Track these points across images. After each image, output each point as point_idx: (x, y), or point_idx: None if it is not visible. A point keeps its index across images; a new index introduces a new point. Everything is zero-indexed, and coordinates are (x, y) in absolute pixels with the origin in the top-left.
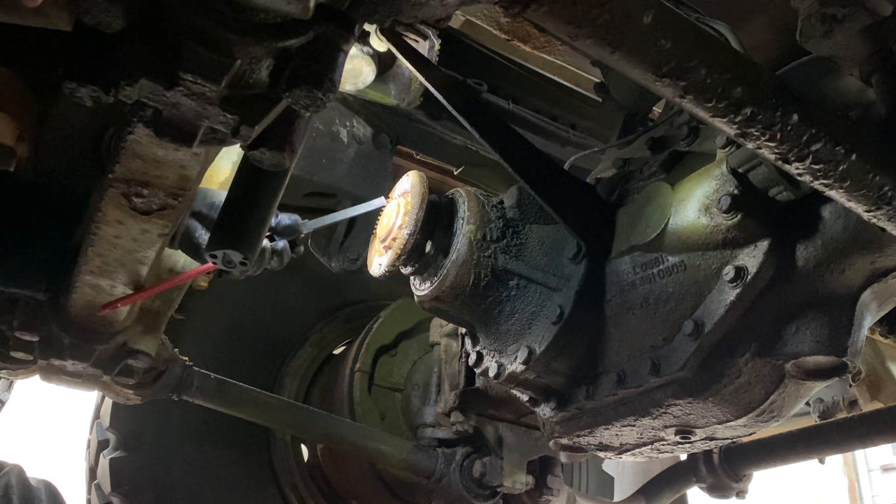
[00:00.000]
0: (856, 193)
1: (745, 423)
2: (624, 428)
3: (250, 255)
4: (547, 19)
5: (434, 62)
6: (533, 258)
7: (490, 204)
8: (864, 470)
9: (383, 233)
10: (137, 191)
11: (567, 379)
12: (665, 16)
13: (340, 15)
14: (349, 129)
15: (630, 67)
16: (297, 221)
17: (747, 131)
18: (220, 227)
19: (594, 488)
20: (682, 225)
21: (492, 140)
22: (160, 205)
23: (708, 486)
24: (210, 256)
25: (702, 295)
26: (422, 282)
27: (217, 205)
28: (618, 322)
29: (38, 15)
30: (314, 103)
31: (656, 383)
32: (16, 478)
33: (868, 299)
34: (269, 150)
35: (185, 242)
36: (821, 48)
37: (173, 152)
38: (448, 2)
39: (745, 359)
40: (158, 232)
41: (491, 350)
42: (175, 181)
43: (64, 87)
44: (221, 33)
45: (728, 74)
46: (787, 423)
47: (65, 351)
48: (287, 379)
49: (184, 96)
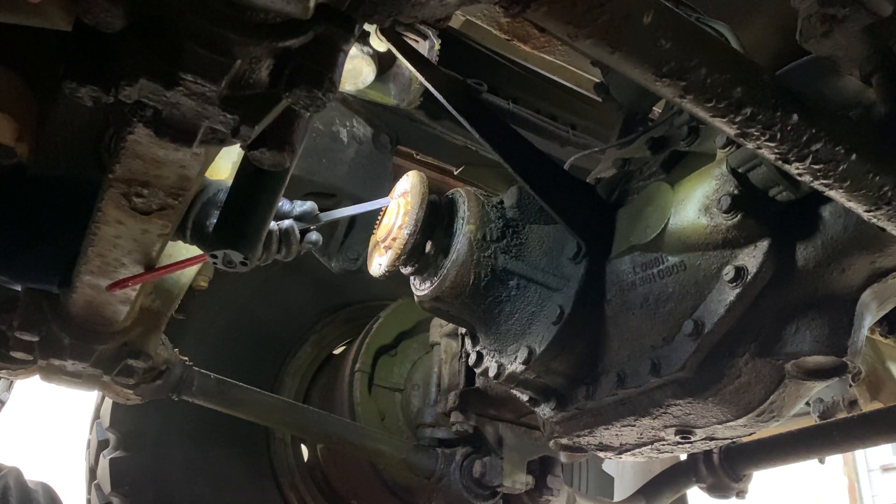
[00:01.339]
0: (856, 193)
1: (745, 423)
2: (624, 428)
3: (251, 254)
4: (547, 19)
5: (434, 62)
6: (533, 258)
7: (490, 204)
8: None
9: (383, 233)
10: (137, 191)
11: (567, 379)
12: (665, 16)
13: (340, 15)
14: (349, 129)
15: (630, 67)
16: (314, 208)
17: (747, 131)
18: (220, 227)
19: (594, 488)
20: (682, 225)
21: (492, 140)
22: (160, 205)
23: (708, 486)
24: (210, 256)
25: (702, 295)
26: (422, 282)
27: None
28: (618, 322)
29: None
30: (314, 103)
31: (656, 383)
32: (14, 480)
33: (868, 299)
34: (269, 150)
35: (197, 234)
36: (821, 48)
37: (173, 152)
38: (448, 2)
39: (745, 359)
40: (158, 232)
41: (491, 350)
42: (175, 181)
43: (64, 87)
44: (221, 33)
45: (728, 74)
46: (787, 423)
47: (65, 351)
48: (287, 379)
49: (184, 96)
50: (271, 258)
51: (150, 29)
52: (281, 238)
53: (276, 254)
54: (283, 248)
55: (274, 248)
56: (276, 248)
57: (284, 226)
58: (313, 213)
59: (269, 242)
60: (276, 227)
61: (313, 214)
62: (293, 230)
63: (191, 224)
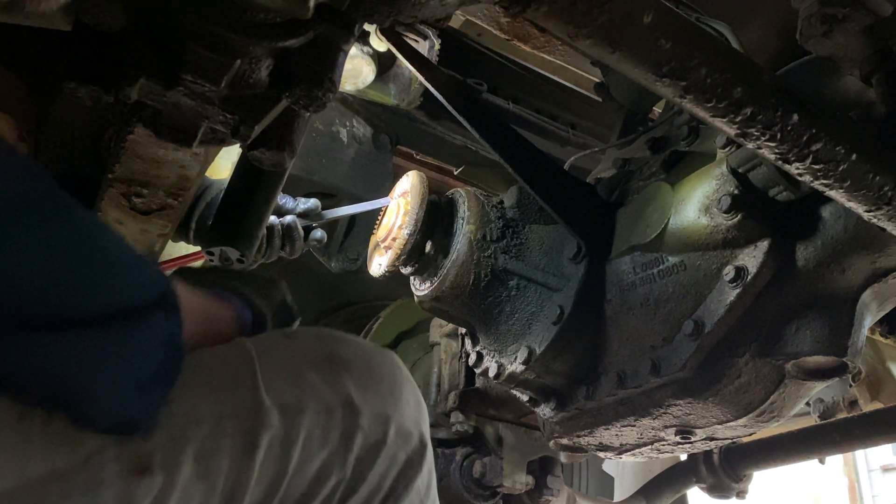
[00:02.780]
0: (856, 193)
1: (745, 423)
2: (624, 428)
3: (247, 251)
4: (547, 19)
5: (434, 62)
6: (533, 258)
7: (490, 204)
8: (864, 470)
9: (383, 233)
10: (137, 191)
11: (567, 379)
12: (665, 16)
13: (340, 15)
14: (349, 129)
15: (630, 67)
16: (317, 205)
17: (747, 131)
18: (216, 225)
19: (594, 488)
20: (682, 225)
21: (492, 140)
22: (160, 205)
23: (708, 486)
24: (207, 254)
25: (702, 295)
26: (422, 282)
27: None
28: (618, 322)
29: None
30: (314, 103)
31: (656, 383)
32: None
33: (868, 299)
34: (269, 149)
35: (200, 235)
36: (821, 48)
37: (173, 152)
38: (448, 2)
39: (745, 359)
40: (158, 232)
41: (491, 350)
42: (175, 181)
43: (64, 87)
44: (221, 33)
45: (728, 74)
46: (787, 423)
47: None
48: None
49: (184, 96)
50: (275, 255)
51: (150, 29)
52: (284, 234)
53: (279, 250)
54: (286, 244)
55: (277, 243)
56: (280, 245)
57: (287, 221)
58: (316, 211)
59: (272, 238)
60: (278, 223)
61: (317, 212)
62: (296, 226)
63: (194, 224)
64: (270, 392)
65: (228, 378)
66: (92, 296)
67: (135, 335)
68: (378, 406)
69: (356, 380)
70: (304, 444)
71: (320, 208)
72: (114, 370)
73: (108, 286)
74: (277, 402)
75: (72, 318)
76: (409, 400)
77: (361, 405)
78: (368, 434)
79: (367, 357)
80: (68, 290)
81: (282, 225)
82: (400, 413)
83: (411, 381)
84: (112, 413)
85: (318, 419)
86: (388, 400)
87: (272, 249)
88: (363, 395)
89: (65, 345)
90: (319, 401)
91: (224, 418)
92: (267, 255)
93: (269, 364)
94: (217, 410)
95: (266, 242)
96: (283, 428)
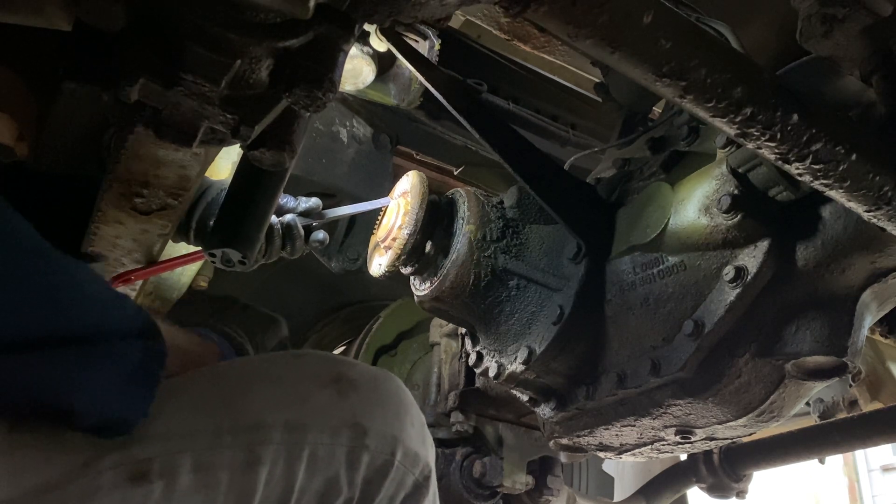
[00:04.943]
0: (856, 193)
1: (745, 423)
2: (624, 428)
3: (249, 253)
4: (547, 19)
5: (434, 62)
6: (533, 258)
7: (490, 204)
8: (864, 470)
9: (383, 233)
10: (137, 191)
11: (567, 379)
12: (665, 16)
13: (340, 15)
14: (349, 129)
15: (630, 67)
16: (318, 205)
17: (747, 131)
18: (218, 226)
19: (594, 488)
20: (682, 225)
21: (492, 140)
22: (160, 205)
23: (708, 487)
24: (209, 255)
25: (702, 295)
26: (422, 282)
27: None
28: (618, 322)
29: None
30: (314, 103)
31: (656, 383)
32: None
33: (868, 299)
34: (269, 150)
35: (200, 235)
36: (821, 48)
37: (173, 152)
38: (448, 2)
39: (745, 359)
40: (158, 232)
41: (491, 350)
42: (175, 181)
43: (64, 87)
44: (221, 33)
45: (728, 74)
46: (787, 423)
47: None
48: None
49: (184, 96)
50: (275, 254)
51: (150, 29)
52: (284, 233)
53: (280, 250)
54: (287, 244)
55: (277, 243)
56: (280, 244)
57: (287, 221)
58: (317, 210)
59: (272, 238)
60: (279, 223)
61: (317, 211)
62: (296, 225)
63: (194, 225)
64: (273, 409)
65: (225, 394)
66: (71, 321)
67: (112, 343)
68: (384, 427)
69: (363, 401)
70: (308, 461)
71: (321, 207)
72: (93, 370)
73: (85, 313)
74: (280, 418)
75: (51, 337)
76: (415, 423)
77: (368, 425)
78: (375, 454)
79: (374, 379)
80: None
81: (282, 224)
82: (406, 435)
83: (415, 405)
84: (97, 409)
85: (322, 437)
86: (395, 422)
87: (273, 249)
88: (370, 415)
89: (44, 359)
90: (325, 419)
91: (223, 432)
92: (268, 255)
93: (274, 381)
94: (214, 424)
95: (266, 242)
96: (286, 444)
